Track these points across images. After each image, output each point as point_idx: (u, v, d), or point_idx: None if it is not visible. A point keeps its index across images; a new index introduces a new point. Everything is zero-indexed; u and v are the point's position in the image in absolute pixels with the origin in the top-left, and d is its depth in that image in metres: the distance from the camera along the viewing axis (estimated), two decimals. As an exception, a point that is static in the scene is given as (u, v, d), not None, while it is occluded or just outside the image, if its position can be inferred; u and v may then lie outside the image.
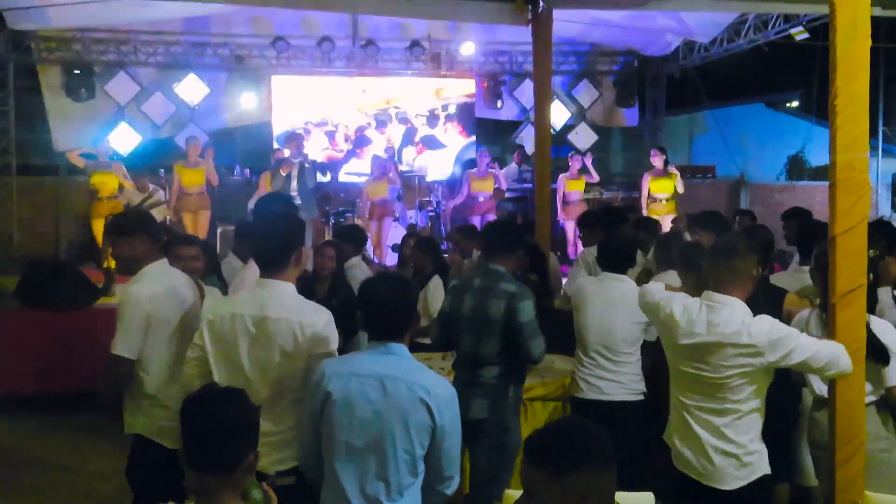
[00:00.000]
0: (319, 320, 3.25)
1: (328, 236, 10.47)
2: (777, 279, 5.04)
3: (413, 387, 2.90)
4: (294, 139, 10.88)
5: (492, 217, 11.98)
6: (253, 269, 3.82)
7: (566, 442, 2.02)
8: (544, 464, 1.98)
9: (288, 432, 3.23)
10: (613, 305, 4.57)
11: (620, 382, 4.56)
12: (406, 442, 2.89)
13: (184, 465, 2.44)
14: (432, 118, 13.94)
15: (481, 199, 12.17)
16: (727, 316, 3.30)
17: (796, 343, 3.24)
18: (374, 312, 3.04)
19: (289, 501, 2.89)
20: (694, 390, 3.41)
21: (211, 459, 2.35)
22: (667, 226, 10.35)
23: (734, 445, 3.32)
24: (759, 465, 3.35)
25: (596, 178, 12.50)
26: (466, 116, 14.08)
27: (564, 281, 7.45)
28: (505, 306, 4.10)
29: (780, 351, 3.22)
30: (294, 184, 10.22)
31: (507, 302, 4.11)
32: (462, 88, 14.05)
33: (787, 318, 3.93)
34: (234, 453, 2.35)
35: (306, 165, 10.48)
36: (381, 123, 13.67)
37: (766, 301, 4.08)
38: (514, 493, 3.11)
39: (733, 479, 3.32)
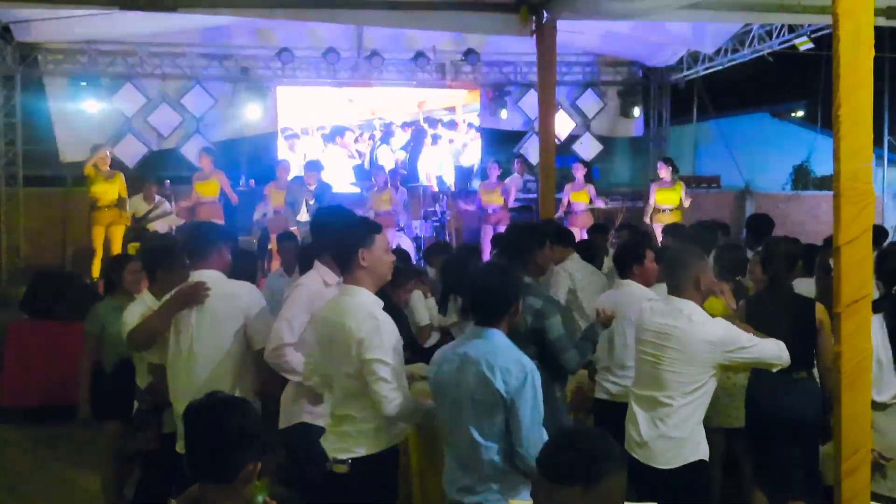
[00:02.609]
0: (367, 325, 3.39)
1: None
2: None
3: (481, 364, 3.13)
4: (313, 169, 11.05)
5: (503, 228, 12.00)
6: (311, 276, 4.12)
7: (589, 455, 2.09)
8: (574, 481, 2.04)
9: (352, 426, 3.45)
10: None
11: None
12: (477, 418, 3.14)
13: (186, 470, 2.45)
14: (451, 125, 14.06)
15: (490, 210, 12.19)
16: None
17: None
18: (472, 299, 3.32)
19: (342, 488, 3.39)
20: None
21: (210, 468, 2.36)
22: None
23: None
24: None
25: (600, 203, 12.41)
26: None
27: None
28: (531, 322, 4.04)
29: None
30: (311, 202, 10.44)
31: (532, 319, 4.04)
32: (444, 101, 14.11)
33: (820, 329, 4.03)
34: (233, 462, 2.35)
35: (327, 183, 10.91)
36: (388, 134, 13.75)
37: (792, 310, 4.14)
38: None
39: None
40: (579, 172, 12.35)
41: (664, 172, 11.55)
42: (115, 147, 12.16)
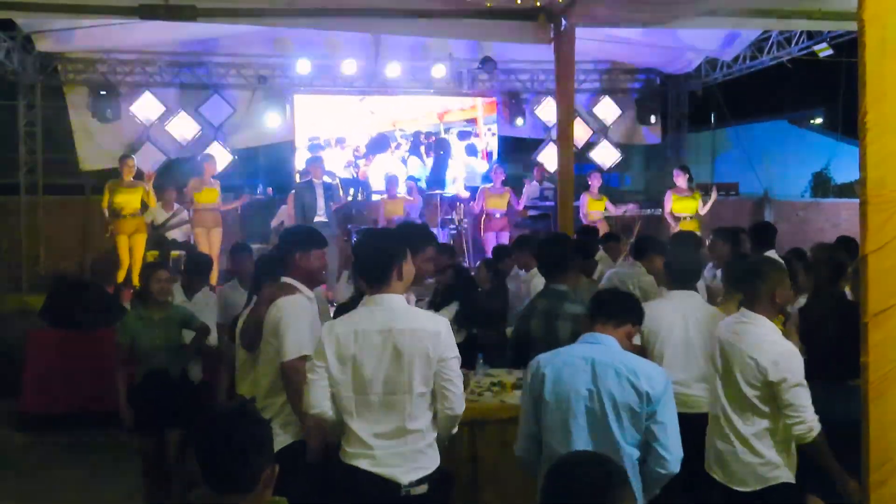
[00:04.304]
0: (442, 327, 3.39)
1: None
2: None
3: (620, 368, 3.20)
4: (315, 163, 10.94)
5: (506, 235, 11.99)
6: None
7: (599, 476, 2.13)
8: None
9: (420, 442, 3.35)
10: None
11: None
12: (619, 422, 3.18)
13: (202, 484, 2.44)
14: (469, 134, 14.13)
15: (497, 215, 12.18)
16: None
17: None
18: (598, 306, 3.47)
19: None
20: None
21: (232, 478, 2.34)
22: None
23: None
24: None
25: (617, 211, 12.38)
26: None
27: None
28: (571, 329, 4.11)
29: None
30: (321, 202, 10.37)
31: (572, 325, 4.14)
32: (465, 112, 14.12)
33: None
34: (252, 470, 2.34)
35: (334, 182, 10.74)
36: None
37: (843, 316, 4.08)
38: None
39: None
40: (595, 181, 12.33)
41: (681, 180, 11.50)
42: (135, 155, 12.23)
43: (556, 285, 4.44)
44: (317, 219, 10.15)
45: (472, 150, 14.03)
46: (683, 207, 11.41)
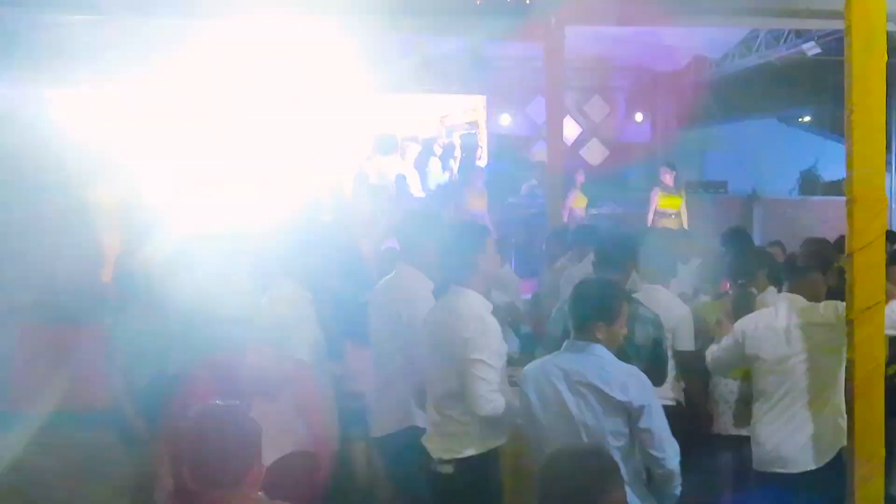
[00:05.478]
0: (473, 326, 3.46)
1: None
2: None
3: (591, 376, 3.12)
4: None
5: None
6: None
7: (592, 472, 2.17)
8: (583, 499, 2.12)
9: (454, 426, 3.50)
10: None
11: None
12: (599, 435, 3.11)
13: (190, 483, 2.43)
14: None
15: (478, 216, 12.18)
16: None
17: None
18: (571, 313, 3.30)
19: (447, 488, 3.50)
20: None
21: (213, 476, 2.36)
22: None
23: None
24: None
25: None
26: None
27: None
28: (652, 333, 4.05)
29: None
30: None
31: (654, 329, 4.06)
32: (467, 115, 14.16)
33: None
34: (235, 469, 2.36)
35: None
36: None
37: None
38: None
39: None
40: (580, 177, 12.37)
41: (667, 178, 11.56)
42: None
43: None
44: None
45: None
46: (669, 203, 11.47)
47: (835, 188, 14.67)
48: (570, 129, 13.88)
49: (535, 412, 3.24)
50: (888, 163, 4.55)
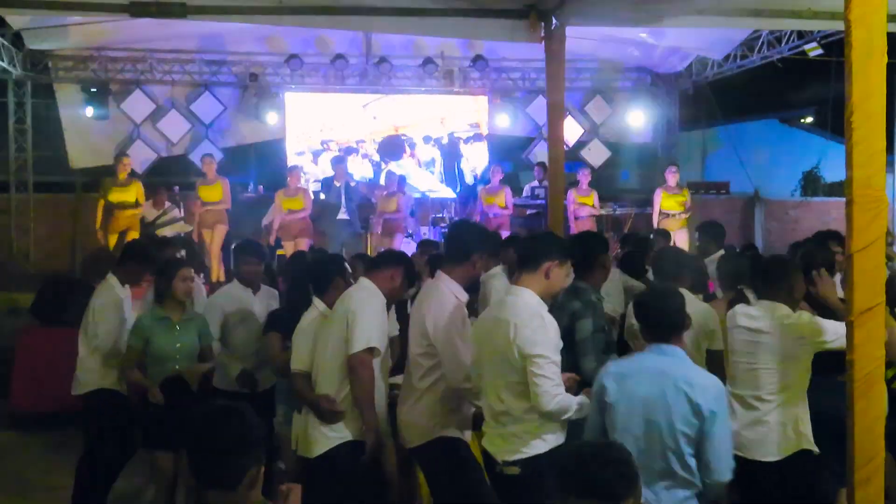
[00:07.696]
0: (533, 323, 3.50)
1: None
2: None
3: (677, 380, 3.15)
4: (339, 163, 11.50)
5: (505, 233, 11.96)
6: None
7: (613, 467, 2.14)
8: (603, 496, 2.10)
9: (516, 425, 3.54)
10: None
11: None
12: (671, 433, 3.13)
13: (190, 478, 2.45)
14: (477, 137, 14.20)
15: (491, 214, 12.18)
16: None
17: None
18: (648, 318, 3.37)
19: (512, 490, 3.52)
20: None
21: (213, 473, 2.35)
22: (679, 241, 10.40)
23: None
24: None
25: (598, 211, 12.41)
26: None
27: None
28: (566, 323, 4.07)
29: None
30: (343, 200, 10.85)
31: (567, 319, 4.12)
32: (468, 116, 14.18)
33: None
34: (235, 469, 2.34)
35: (352, 184, 11.28)
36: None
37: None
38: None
39: None
40: (584, 178, 12.36)
41: (671, 178, 11.56)
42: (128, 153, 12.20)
43: (578, 282, 4.33)
44: (340, 216, 10.72)
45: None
46: (672, 204, 11.46)
47: (837, 189, 14.68)
48: (572, 131, 13.86)
49: (613, 409, 3.26)
50: (888, 163, 4.53)
